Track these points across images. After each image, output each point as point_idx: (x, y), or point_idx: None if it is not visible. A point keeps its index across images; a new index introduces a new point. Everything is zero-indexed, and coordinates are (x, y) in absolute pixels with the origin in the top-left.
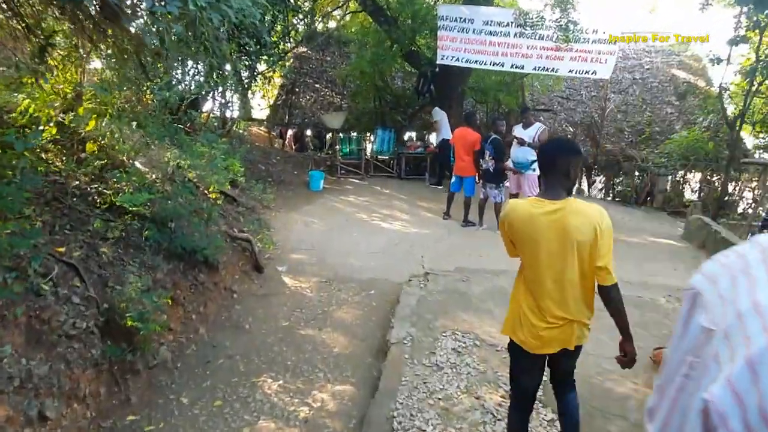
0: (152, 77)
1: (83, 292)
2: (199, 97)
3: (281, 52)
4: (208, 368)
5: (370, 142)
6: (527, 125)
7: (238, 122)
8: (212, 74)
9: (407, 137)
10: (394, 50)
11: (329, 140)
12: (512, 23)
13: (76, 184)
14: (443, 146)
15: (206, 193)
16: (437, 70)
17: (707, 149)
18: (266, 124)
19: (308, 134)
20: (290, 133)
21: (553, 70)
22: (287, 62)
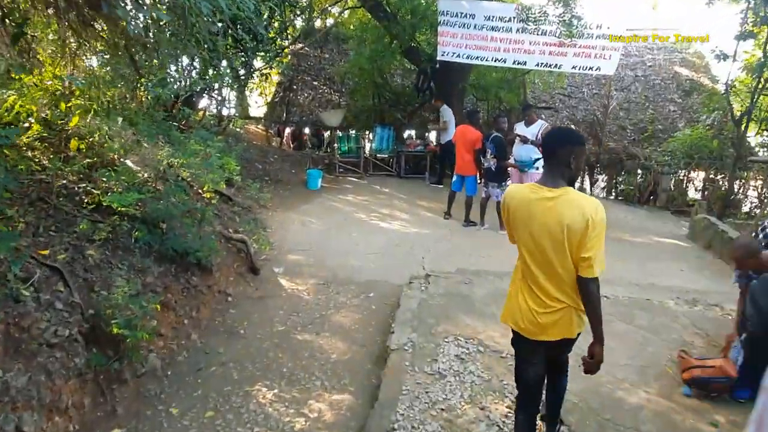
0: (145, 73)
1: (67, 297)
2: (194, 94)
3: (278, 48)
4: (199, 376)
5: (368, 140)
6: (530, 123)
7: (234, 120)
8: (207, 70)
9: (407, 135)
10: (393, 46)
11: (327, 138)
12: (514, 18)
13: (63, 183)
14: (449, 146)
15: (200, 192)
16: (437, 66)
17: (711, 147)
18: (264, 122)
19: (306, 132)
20: (288, 131)
21: (556, 66)
22: (285, 59)
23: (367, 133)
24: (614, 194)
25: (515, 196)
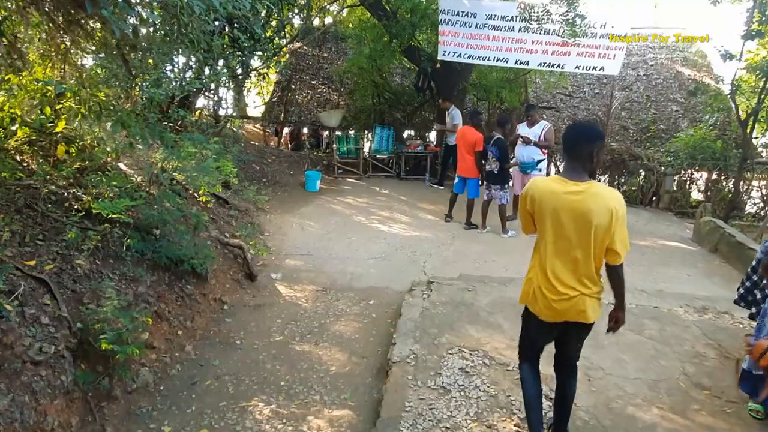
0: (140, 74)
1: (54, 311)
2: (190, 94)
3: (276, 47)
4: (193, 391)
5: (368, 140)
6: (532, 123)
7: (232, 120)
8: (202, 70)
9: (407, 136)
10: (393, 46)
11: (326, 139)
12: (517, 17)
13: (51, 189)
14: (453, 149)
15: (196, 196)
16: (438, 66)
17: (715, 148)
18: (262, 122)
19: (305, 132)
20: (286, 131)
21: (559, 66)
22: (283, 58)
23: (366, 133)
24: None
25: (541, 187)
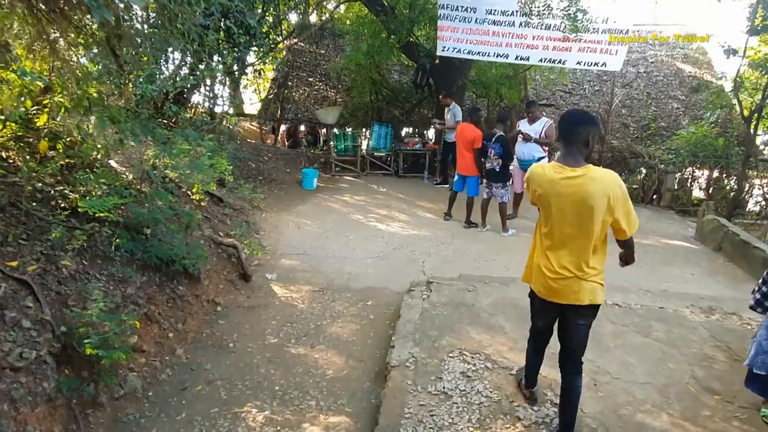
0: (132, 69)
1: (36, 314)
2: (184, 90)
3: (272, 42)
4: (184, 397)
5: (366, 138)
6: (533, 120)
7: (227, 117)
8: (196, 65)
9: (405, 133)
10: (391, 41)
11: (324, 136)
12: (517, 12)
13: (37, 186)
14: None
15: (189, 194)
16: (437, 62)
17: (717, 146)
18: (258, 120)
19: (302, 130)
20: (283, 128)
21: (560, 61)
22: (280, 55)
23: (364, 130)
24: None
25: (540, 176)
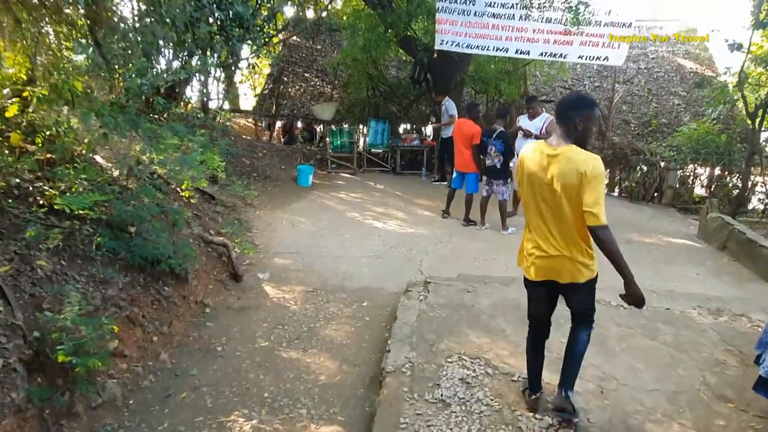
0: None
1: (6, 318)
2: (176, 85)
3: (266, 36)
4: (167, 405)
5: (362, 134)
6: (533, 116)
7: (220, 113)
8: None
9: (402, 129)
10: (388, 36)
11: (320, 133)
12: (517, 5)
13: (14, 182)
14: (449, 142)
15: (179, 191)
16: (434, 56)
17: (719, 142)
18: (253, 116)
19: (298, 126)
20: (279, 124)
21: (561, 56)
22: (276, 50)
23: (360, 127)
24: (617, 191)
25: (526, 153)
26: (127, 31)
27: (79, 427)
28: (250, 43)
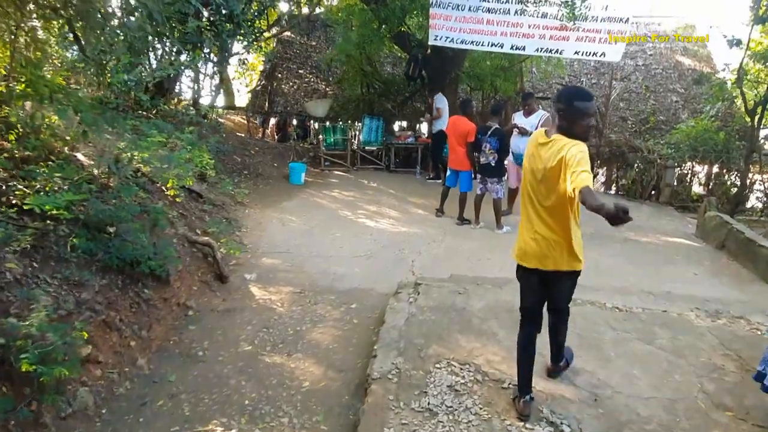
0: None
1: None
2: (164, 81)
3: (257, 31)
4: (142, 413)
5: (356, 131)
6: (529, 113)
7: (210, 110)
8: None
9: (397, 127)
10: (382, 31)
11: (314, 130)
12: (512, 0)
13: None
14: (439, 137)
15: (164, 189)
16: (429, 52)
17: (717, 140)
18: (246, 112)
19: (294, 123)
20: (272, 121)
21: (557, 51)
22: (270, 46)
23: (355, 124)
24: (614, 189)
25: (530, 140)
26: (107, 24)
27: None
28: (240, 38)
